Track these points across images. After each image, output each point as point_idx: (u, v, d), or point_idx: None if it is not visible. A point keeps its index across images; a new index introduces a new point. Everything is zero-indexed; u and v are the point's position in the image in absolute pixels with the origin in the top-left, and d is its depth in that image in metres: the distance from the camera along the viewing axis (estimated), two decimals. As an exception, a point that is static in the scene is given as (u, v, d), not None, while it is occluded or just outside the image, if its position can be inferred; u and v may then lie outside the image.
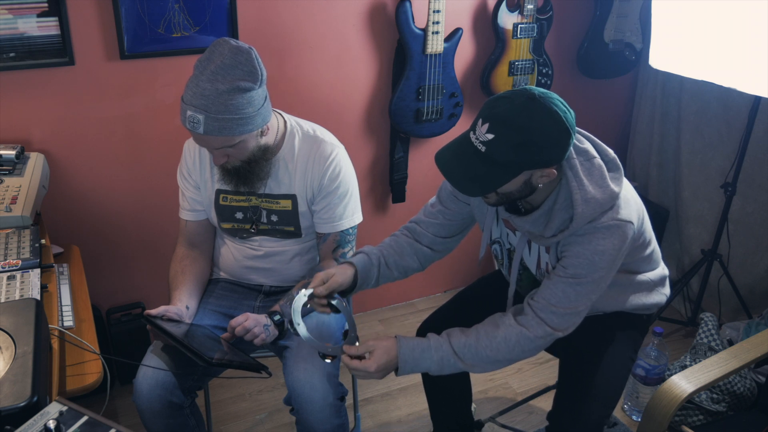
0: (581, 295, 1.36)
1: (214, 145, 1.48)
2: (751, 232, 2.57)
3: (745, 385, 2.11)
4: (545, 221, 1.38)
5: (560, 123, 1.23)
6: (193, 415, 1.59)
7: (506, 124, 1.22)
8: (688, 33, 2.18)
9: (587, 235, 1.34)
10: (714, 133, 2.64)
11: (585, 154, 1.36)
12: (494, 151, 1.23)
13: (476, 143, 1.26)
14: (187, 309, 1.60)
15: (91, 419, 1.00)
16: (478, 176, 1.27)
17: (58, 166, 2.06)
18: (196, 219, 1.74)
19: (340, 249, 1.70)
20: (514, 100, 1.24)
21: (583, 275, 1.35)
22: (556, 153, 1.26)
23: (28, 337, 1.11)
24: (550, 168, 1.29)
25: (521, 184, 1.30)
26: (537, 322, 1.37)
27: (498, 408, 2.27)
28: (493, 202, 1.38)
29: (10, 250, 1.51)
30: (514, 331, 1.37)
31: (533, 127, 1.22)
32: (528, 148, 1.23)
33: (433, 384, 1.82)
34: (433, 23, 2.26)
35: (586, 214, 1.32)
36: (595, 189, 1.33)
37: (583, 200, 1.32)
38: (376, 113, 2.49)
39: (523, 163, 1.25)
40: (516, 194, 1.34)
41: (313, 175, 1.63)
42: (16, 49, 1.89)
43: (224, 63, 1.41)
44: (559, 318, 1.37)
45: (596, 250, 1.33)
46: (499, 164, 1.24)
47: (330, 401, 1.50)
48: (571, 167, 1.34)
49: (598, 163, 1.36)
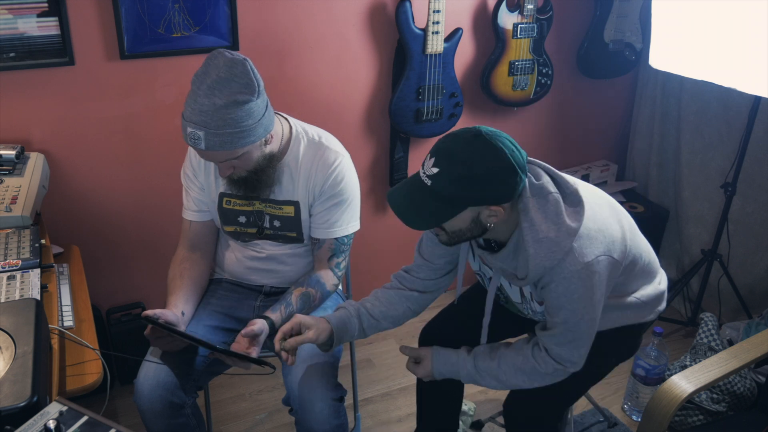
0: (579, 334, 1.39)
1: (218, 159, 1.48)
2: (751, 232, 2.57)
3: (745, 385, 2.11)
4: (514, 261, 1.37)
5: (504, 160, 1.23)
6: (194, 416, 1.59)
7: (450, 158, 1.24)
8: (688, 33, 2.18)
9: (558, 282, 1.32)
10: (714, 133, 2.64)
11: (540, 190, 1.33)
12: (439, 185, 1.24)
13: (423, 178, 1.27)
14: (183, 315, 1.59)
15: (91, 419, 1.00)
16: (424, 210, 1.28)
17: (58, 166, 2.06)
18: (201, 220, 1.73)
19: (334, 258, 1.69)
20: (460, 136, 1.27)
21: (571, 320, 1.37)
22: (502, 191, 1.26)
23: (28, 337, 1.11)
24: (498, 206, 1.27)
25: (469, 221, 1.30)
26: (547, 358, 1.42)
27: (498, 408, 2.26)
28: (444, 241, 1.38)
29: (10, 250, 1.51)
30: (529, 365, 1.44)
31: (475, 161, 1.23)
32: (471, 182, 1.23)
33: (424, 387, 1.81)
34: (433, 23, 2.26)
35: (540, 255, 1.29)
36: (549, 227, 1.30)
37: (535, 240, 1.30)
38: (376, 113, 2.49)
39: (467, 198, 1.25)
40: (467, 233, 1.33)
41: (316, 182, 1.62)
42: (16, 49, 1.89)
43: (220, 77, 1.40)
44: (568, 353, 1.41)
45: (572, 298, 1.33)
46: (443, 198, 1.25)
47: (329, 401, 1.50)
48: (524, 207, 1.31)
49: (554, 199, 1.32)
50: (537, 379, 1.44)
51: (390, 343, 2.65)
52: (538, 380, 1.45)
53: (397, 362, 2.55)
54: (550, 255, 1.29)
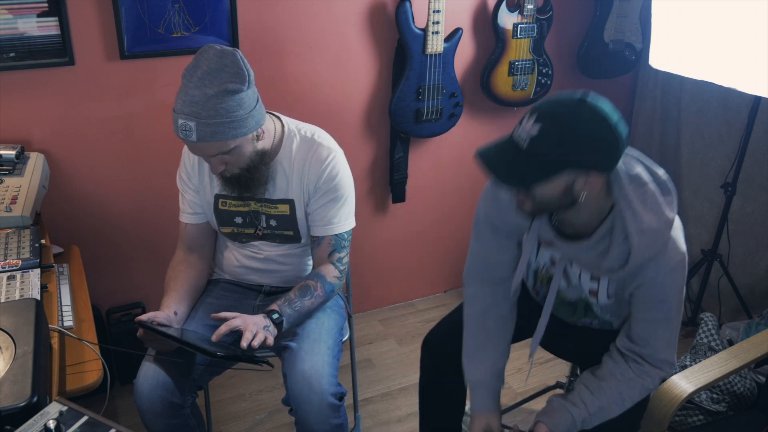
0: (675, 332, 1.41)
1: (209, 152, 1.46)
2: (751, 232, 2.57)
3: (745, 385, 2.11)
4: (602, 251, 1.33)
5: (608, 128, 1.19)
6: (193, 415, 1.59)
7: (553, 119, 1.19)
8: (688, 33, 2.18)
9: (663, 275, 1.33)
10: (714, 133, 2.64)
11: (637, 180, 1.30)
12: (537, 146, 1.19)
13: (520, 138, 1.22)
14: (175, 314, 1.59)
15: (91, 419, 1.00)
16: (518, 169, 1.23)
17: (58, 166, 2.06)
18: (196, 222, 1.73)
19: (336, 253, 1.68)
20: (564, 99, 1.22)
21: (672, 314, 1.38)
22: (601, 159, 1.22)
23: (28, 337, 1.11)
24: (594, 176, 1.23)
25: (562, 189, 1.24)
26: (651, 370, 1.42)
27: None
28: (528, 211, 1.32)
29: (10, 250, 1.51)
30: (637, 386, 1.43)
31: (581, 124, 1.18)
32: (574, 144, 1.19)
33: (428, 391, 1.80)
34: (433, 23, 2.26)
35: (643, 247, 1.28)
36: (651, 217, 1.28)
37: (638, 231, 1.27)
38: (376, 113, 2.49)
39: (566, 162, 1.20)
40: (555, 202, 1.27)
41: (309, 179, 1.62)
42: (16, 49, 1.89)
43: (210, 68, 1.40)
44: (669, 354, 1.42)
45: (675, 290, 1.36)
46: (542, 160, 1.20)
47: (328, 401, 1.50)
48: (623, 196, 1.29)
49: (651, 189, 1.30)
50: (643, 393, 1.45)
51: (390, 343, 2.65)
52: (643, 394, 1.45)
53: (397, 362, 2.55)
54: (651, 246, 1.28)
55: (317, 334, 1.62)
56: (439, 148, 2.67)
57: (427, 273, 2.94)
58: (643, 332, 1.41)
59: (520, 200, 1.31)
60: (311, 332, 1.62)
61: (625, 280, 1.38)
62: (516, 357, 2.10)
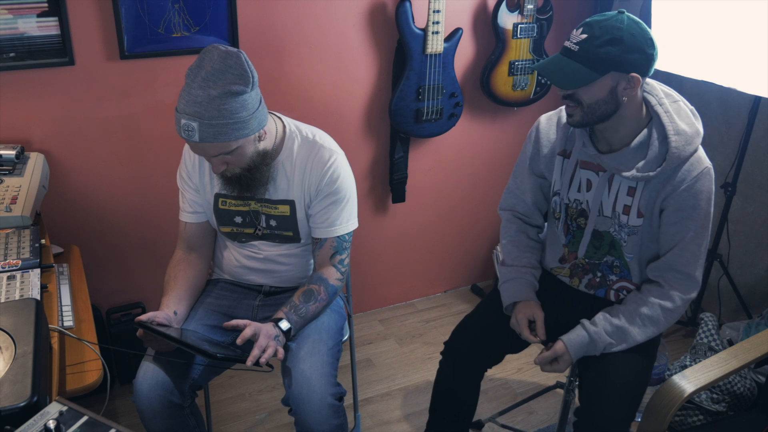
0: (701, 246, 1.52)
1: (211, 152, 1.46)
2: (751, 232, 2.57)
3: (745, 385, 2.11)
4: (640, 156, 1.50)
5: (646, 32, 1.42)
6: (193, 415, 1.59)
7: (599, 26, 1.41)
8: (688, 33, 2.18)
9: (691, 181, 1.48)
10: (714, 133, 2.64)
11: (671, 96, 1.54)
12: (586, 49, 1.41)
13: (570, 45, 1.44)
14: (175, 314, 1.59)
15: (91, 419, 1.00)
16: (569, 72, 1.43)
17: (58, 166, 2.06)
18: (196, 221, 1.73)
19: (337, 255, 1.68)
20: (605, 13, 1.45)
21: (702, 226, 1.50)
22: (642, 59, 1.41)
23: (28, 337, 1.11)
24: (634, 79, 1.41)
25: (608, 91, 1.43)
26: (676, 295, 1.53)
27: (498, 408, 2.27)
28: (576, 120, 1.49)
29: (10, 250, 1.51)
30: (656, 306, 1.54)
31: (623, 29, 1.39)
32: (618, 46, 1.38)
33: (442, 396, 1.80)
34: (433, 23, 2.26)
35: (680, 145, 1.46)
36: (684, 124, 1.49)
37: (675, 132, 1.47)
38: (376, 113, 2.49)
39: (611, 62, 1.40)
40: (601, 107, 1.45)
41: (311, 180, 1.62)
42: (16, 49, 1.89)
43: (214, 68, 1.40)
44: (695, 274, 1.53)
45: (703, 199, 1.49)
46: (590, 62, 1.41)
47: (328, 401, 1.50)
48: (661, 104, 1.51)
49: (683, 105, 1.53)
50: (669, 318, 1.55)
51: (390, 343, 2.66)
52: (669, 319, 1.55)
53: (397, 362, 2.55)
54: (686, 147, 1.47)
55: (317, 335, 1.62)
56: (439, 148, 2.68)
57: (427, 273, 2.94)
58: (672, 240, 1.52)
59: (569, 111, 1.50)
60: (311, 333, 1.62)
61: (658, 190, 1.51)
62: (516, 357, 2.10)
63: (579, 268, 1.70)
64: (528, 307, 1.64)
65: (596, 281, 1.68)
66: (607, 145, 1.56)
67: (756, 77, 2.00)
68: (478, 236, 2.97)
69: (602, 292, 1.68)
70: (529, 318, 1.62)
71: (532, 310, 1.63)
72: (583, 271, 1.69)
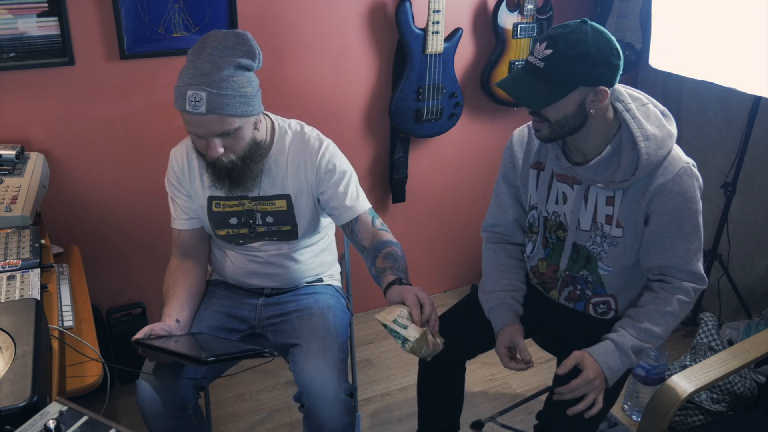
0: (696, 241, 1.50)
1: (213, 128, 1.43)
2: (751, 232, 2.57)
3: (745, 385, 2.11)
4: (613, 165, 1.47)
5: (611, 42, 1.37)
6: (196, 416, 1.59)
7: (564, 40, 1.35)
8: (688, 33, 2.18)
9: (672, 182, 1.44)
10: (714, 133, 2.64)
11: (638, 100, 1.51)
12: (552, 66, 1.35)
13: (535, 62, 1.38)
14: (178, 323, 1.58)
15: (91, 419, 1.00)
16: (536, 91, 1.38)
17: (58, 166, 2.06)
18: (191, 227, 1.71)
19: (377, 220, 1.65)
20: (568, 24, 1.39)
21: (690, 224, 1.47)
22: (608, 71, 1.37)
23: (28, 337, 1.11)
24: (601, 91, 1.38)
25: (576, 106, 1.39)
26: (687, 285, 1.52)
27: (498, 408, 2.27)
28: (545, 135, 1.46)
29: (10, 250, 1.51)
30: (674, 300, 1.52)
31: (588, 42, 1.34)
32: (583, 61, 1.34)
33: (426, 387, 1.81)
34: (433, 23, 2.26)
35: (650, 150, 1.43)
36: (653, 128, 1.46)
37: (644, 137, 1.44)
38: (376, 113, 2.49)
39: (578, 78, 1.35)
40: (569, 121, 1.41)
41: (307, 170, 1.61)
42: (16, 49, 1.89)
43: (222, 44, 1.41)
44: (698, 271, 1.52)
45: (688, 197, 1.45)
46: (556, 79, 1.36)
47: (342, 397, 1.50)
48: (628, 110, 1.47)
49: (652, 108, 1.50)
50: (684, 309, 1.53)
51: (390, 343, 2.65)
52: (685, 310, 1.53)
53: (397, 362, 2.55)
54: (658, 151, 1.43)
55: (325, 332, 1.62)
56: (439, 148, 2.67)
57: (427, 273, 2.94)
58: (664, 245, 1.49)
59: (537, 126, 1.46)
60: (319, 330, 1.62)
61: (638, 199, 1.48)
62: (516, 357, 2.10)
63: (559, 281, 1.67)
64: (506, 335, 1.59)
65: (576, 293, 1.65)
66: (581, 155, 1.53)
67: (756, 77, 2.00)
68: (478, 236, 2.96)
69: (581, 305, 1.66)
70: (509, 345, 1.59)
71: (510, 337, 1.59)
72: (563, 284, 1.67)
